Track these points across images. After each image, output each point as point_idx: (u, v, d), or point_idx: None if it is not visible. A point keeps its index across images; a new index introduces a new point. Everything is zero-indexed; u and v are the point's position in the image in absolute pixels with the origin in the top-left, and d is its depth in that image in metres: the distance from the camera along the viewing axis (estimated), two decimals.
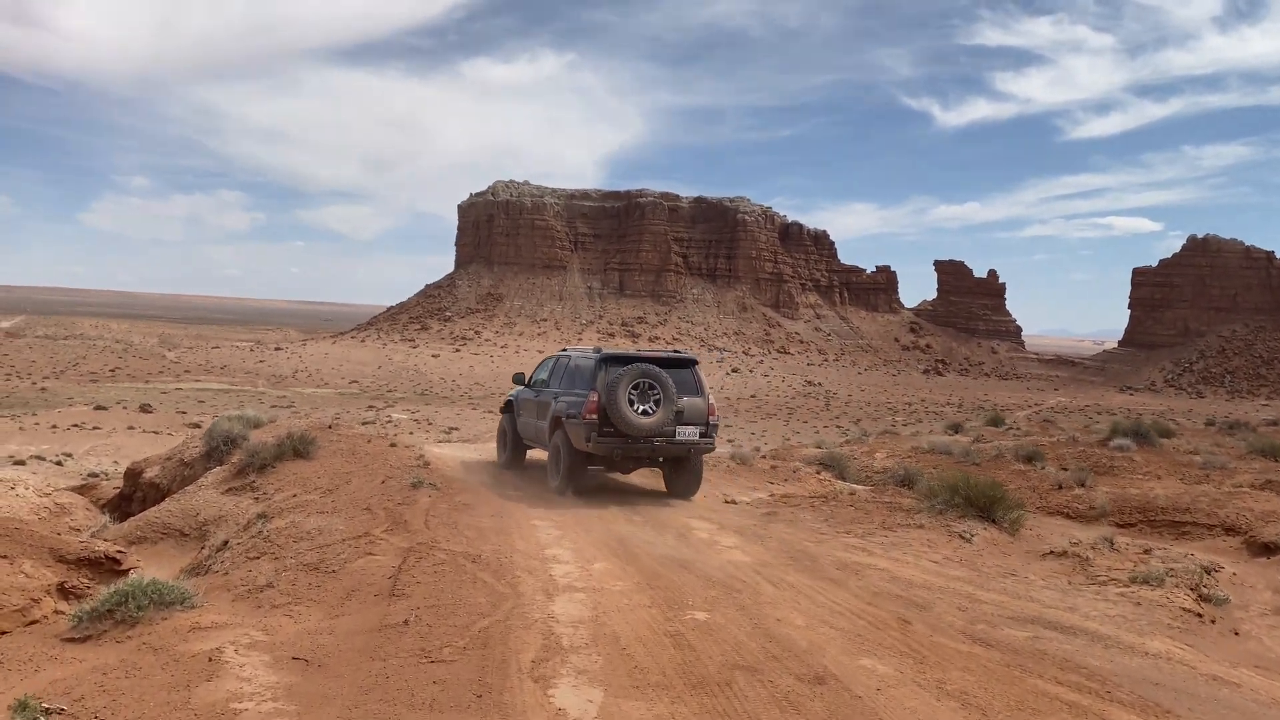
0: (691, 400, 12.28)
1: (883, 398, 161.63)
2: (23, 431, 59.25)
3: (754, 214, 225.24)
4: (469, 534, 8.98)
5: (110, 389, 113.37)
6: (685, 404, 12.14)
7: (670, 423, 11.89)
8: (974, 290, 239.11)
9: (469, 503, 10.49)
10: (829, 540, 10.16)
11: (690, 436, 12.17)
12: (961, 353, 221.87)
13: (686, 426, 12.12)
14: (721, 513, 11.81)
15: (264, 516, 10.36)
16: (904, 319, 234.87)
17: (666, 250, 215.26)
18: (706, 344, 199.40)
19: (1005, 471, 16.98)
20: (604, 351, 12.91)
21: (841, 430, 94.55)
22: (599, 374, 12.10)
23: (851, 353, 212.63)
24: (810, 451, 22.28)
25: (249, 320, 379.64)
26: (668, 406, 11.82)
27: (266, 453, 12.63)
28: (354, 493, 10.98)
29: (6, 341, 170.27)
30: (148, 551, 11.46)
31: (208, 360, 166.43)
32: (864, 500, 12.67)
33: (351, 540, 8.64)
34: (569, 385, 12.88)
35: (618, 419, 11.62)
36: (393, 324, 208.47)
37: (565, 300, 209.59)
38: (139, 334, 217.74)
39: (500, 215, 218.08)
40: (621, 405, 11.60)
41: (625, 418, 11.60)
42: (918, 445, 21.47)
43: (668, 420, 11.84)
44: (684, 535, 10.00)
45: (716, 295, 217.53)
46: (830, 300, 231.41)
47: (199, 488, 12.60)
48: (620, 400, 11.61)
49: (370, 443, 14.80)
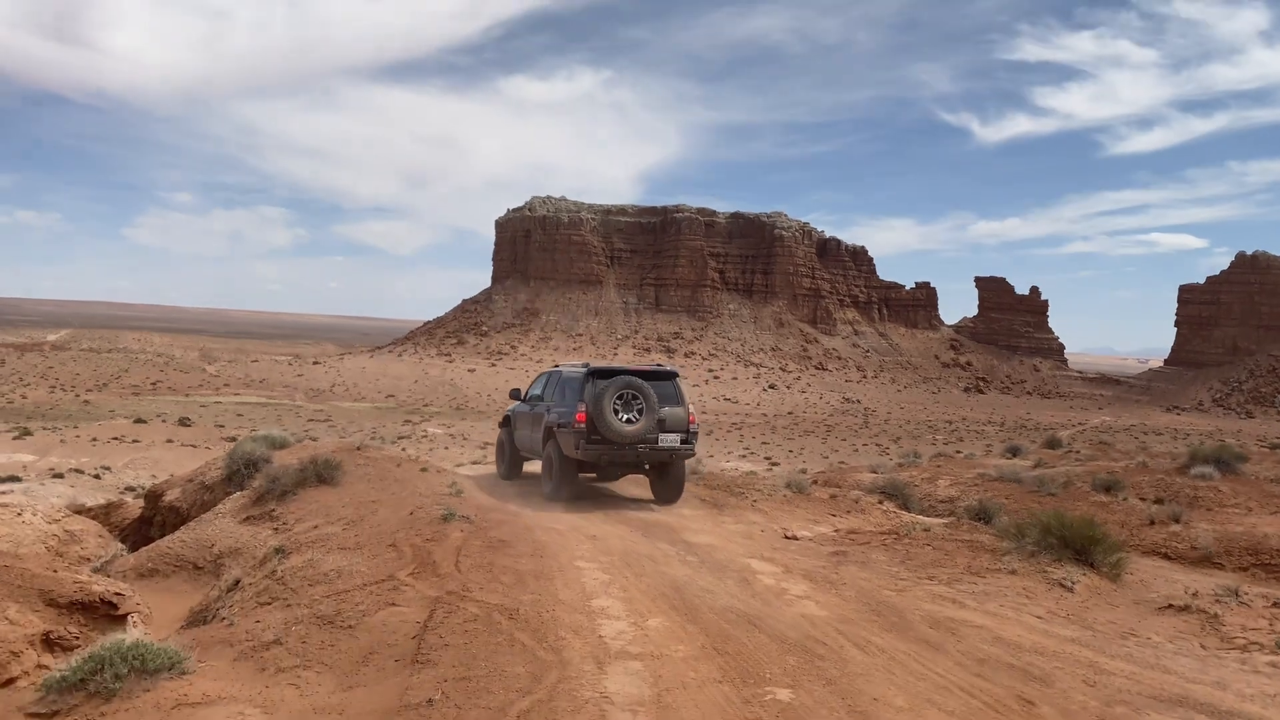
0: (673, 410, 13.09)
1: (922, 416, 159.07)
2: (64, 444, 59.52)
3: (791, 229, 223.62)
4: (505, 579, 7.90)
5: (151, 402, 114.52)
6: (667, 413, 12.96)
7: (653, 430, 12.69)
8: (1015, 307, 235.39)
9: (505, 539, 9.43)
10: (911, 589, 8.96)
11: (672, 443, 12.93)
12: (1003, 370, 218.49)
13: (668, 434, 12.90)
14: (784, 551, 10.64)
15: (281, 551, 9.39)
16: (944, 336, 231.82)
17: (703, 266, 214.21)
18: (743, 359, 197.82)
19: (1085, 503, 15.61)
20: (591, 366, 13.59)
21: (881, 449, 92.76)
22: (587, 386, 12.88)
23: (890, 370, 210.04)
24: (866, 477, 20.99)
25: (289, 335, 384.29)
26: (650, 415, 12.61)
27: (288, 479, 11.70)
28: (380, 525, 9.97)
29: (52, 354, 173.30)
30: (158, 586, 10.54)
31: (247, 374, 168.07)
32: (941, 538, 11.43)
33: (373, 585, 7.61)
34: (560, 398, 13.67)
35: (604, 427, 12.44)
36: (429, 339, 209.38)
37: (601, 315, 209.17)
38: (180, 348, 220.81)
39: (537, 231, 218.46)
40: (607, 414, 12.43)
41: (611, 425, 12.42)
42: (984, 472, 20.11)
43: (650, 428, 12.64)
44: (747, 581, 8.85)
45: (753, 311, 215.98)
46: (869, 316, 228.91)
47: (216, 515, 11.69)
48: (606, 409, 12.44)
49: (400, 466, 13.84)
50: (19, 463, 46.83)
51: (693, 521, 11.99)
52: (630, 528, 11.14)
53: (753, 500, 13.65)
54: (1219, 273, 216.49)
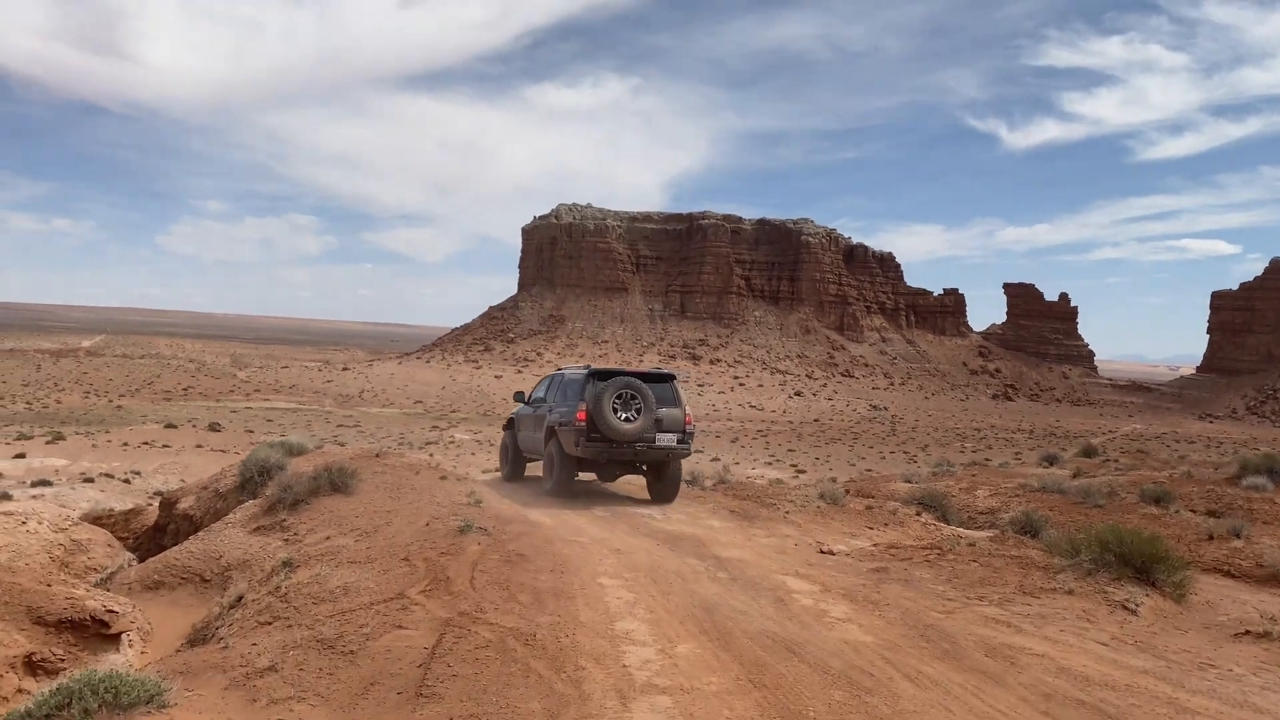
0: (670, 410, 13.45)
1: (950, 423, 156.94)
2: (95, 449, 59.77)
3: (818, 235, 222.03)
4: (522, 598, 7.34)
5: (182, 407, 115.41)
6: (664, 414, 13.32)
7: (650, 430, 13.04)
8: (1044, 314, 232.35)
9: (524, 553, 8.87)
10: (961, 610, 8.30)
11: (669, 442, 13.27)
12: (1032, 378, 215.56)
13: (665, 433, 13.24)
14: (820, 567, 10.00)
15: (289, 565, 8.90)
16: (972, 343, 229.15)
17: (729, 272, 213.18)
18: (769, 366, 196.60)
19: (1135, 516, 14.81)
20: (592, 367, 13.96)
21: (908, 456, 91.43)
22: (587, 386, 13.23)
23: (918, 377, 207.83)
24: (901, 487, 20.24)
25: (319, 341, 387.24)
26: (647, 415, 12.98)
27: (301, 487, 11.21)
28: (394, 537, 9.46)
29: (86, 360, 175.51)
30: (164, 599, 10.09)
31: (277, 380, 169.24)
32: (987, 554, 10.73)
33: (381, 604, 7.07)
34: (562, 399, 14.01)
35: (603, 425, 12.79)
36: (457, 345, 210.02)
37: (626, 322, 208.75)
38: (212, 354, 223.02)
39: (563, 238, 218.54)
40: (606, 413, 12.77)
41: (610, 424, 12.77)
42: (1024, 482, 19.29)
43: (648, 427, 12.99)
44: (783, 601, 8.23)
45: (779, 318, 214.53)
46: (896, 323, 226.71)
47: (226, 525, 11.23)
48: (605, 409, 12.79)
49: (419, 474, 13.34)
50: (51, 467, 46.97)
51: (722, 534, 11.37)
52: (657, 541, 10.54)
53: (785, 512, 13.01)
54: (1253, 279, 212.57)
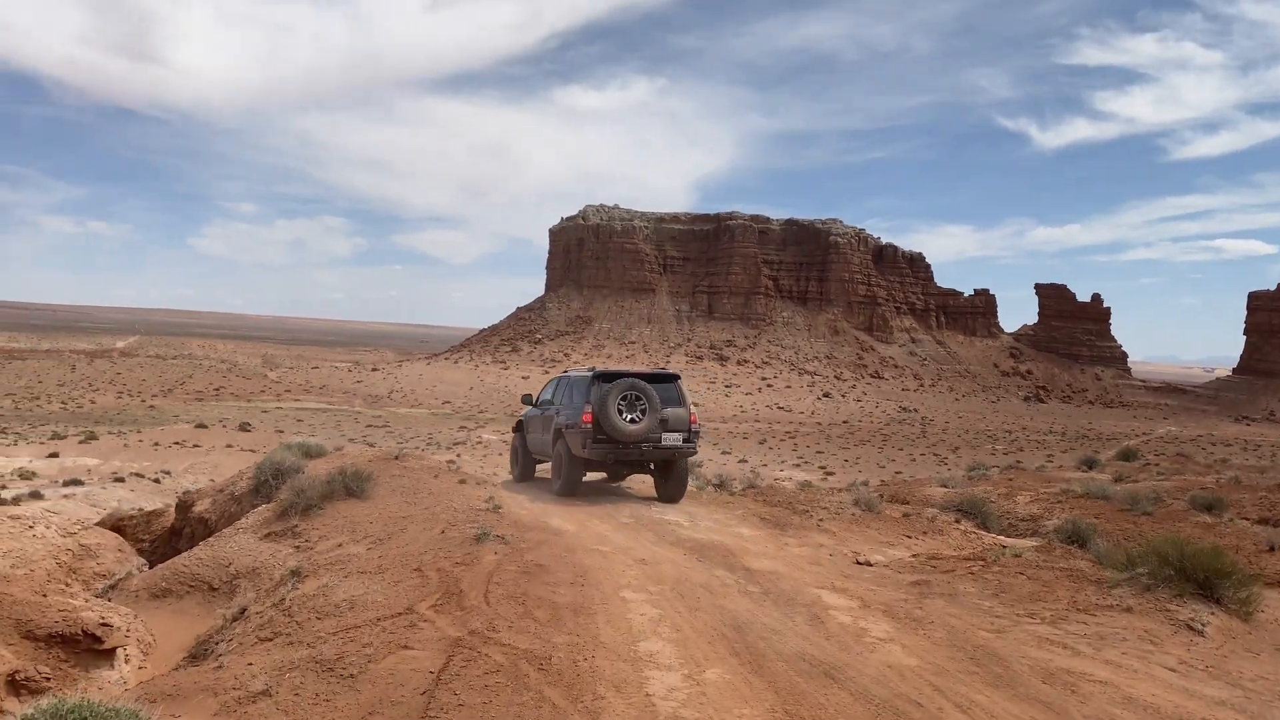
0: (675, 410, 13.53)
1: (981, 425, 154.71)
2: (127, 449, 60.07)
3: (846, 236, 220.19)
4: (539, 614, 6.84)
5: (214, 407, 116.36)
6: (669, 414, 13.40)
7: (656, 430, 13.13)
8: (1077, 314, 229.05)
9: (544, 564, 8.38)
10: (1011, 629, 7.70)
11: (675, 442, 13.36)
12: (1064, 379, 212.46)
13: (671, 433, 13.33)
14: (857, 580, 9.43)
15: (297, 574, 8.47)
16: (1003, 344, 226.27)
17: (756, 273, 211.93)
18: (797, 368, 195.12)
19: (1188, 524, 14.11)
20: (597, 370, 13.98)
21: (939, 459, 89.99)
22: (592, 388, 13.32)
23: (948, 378, 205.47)
24: (936, 492, 19.58)
25: (349, 342, 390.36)
26: (652, 415, 13.06)
27: (314, 491, 10.80)
28: (407, 545, 9.01)
29: (120, 360, 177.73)
30: (170, 608, 9.71)
31: (307, 380, 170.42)
32: (1035, 565, 10.10)
33: (388, 620, 6.61)
34: (568, 401, 14.08)
35: (609, 426, 12.85)
36: (485, 346, 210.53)
37: (653, 323, 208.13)
38: (244, 354, 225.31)
39: (590, 239, 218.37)
40: (611, 414, 12.84)
41: (615, 425, 12.83)
42: (1067, 487, 18.58)
43: (653, 427, 13.08)
44: (818, 618, 7.67)
45: (807, 318, 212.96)
46: (926, 324, 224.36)
47: (236, 531, 10.84)
48: (610, 410, 12.86)
49: (437, 478, 12.90)
50: (84, 466, 47.23)
51: (752, 543, 10.81)
52: (684, 551, 10.01)
53: (818, 519, 12.43)
54: None
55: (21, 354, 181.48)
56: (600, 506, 12.68)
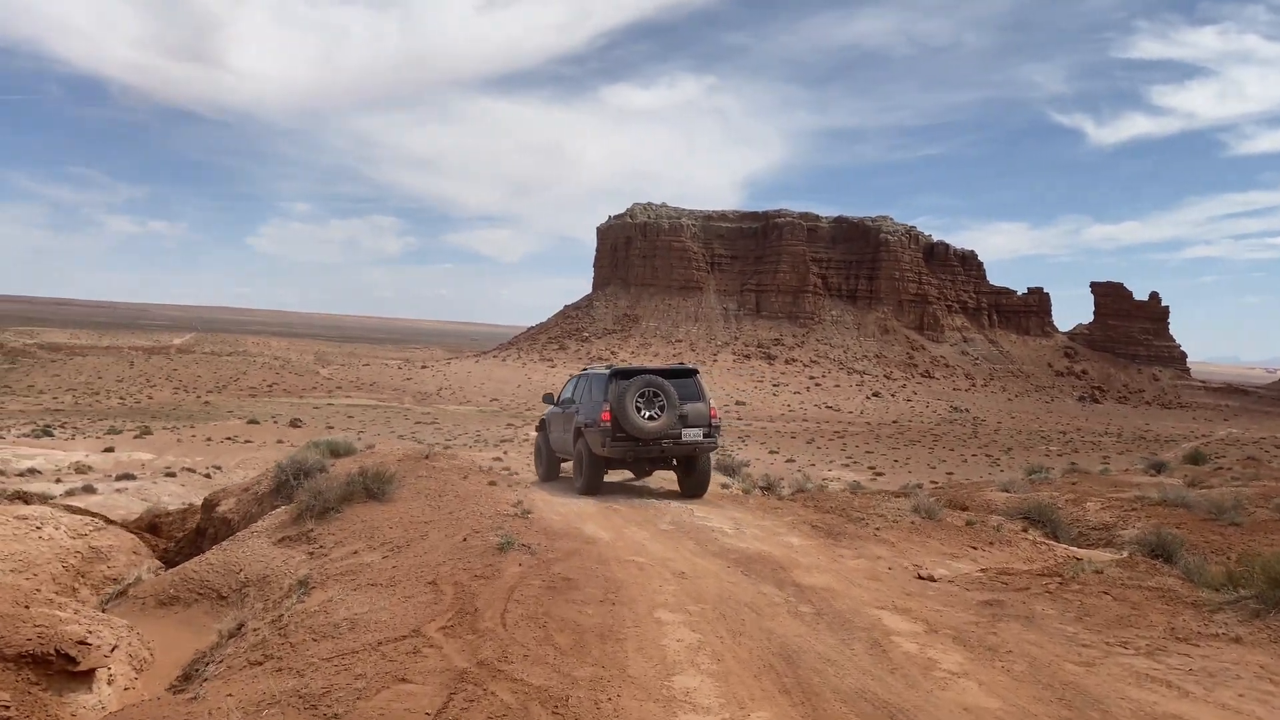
0: (694, 405, 13.42)
1: (1034, 425, 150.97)
2: (180, 444, 60.80)
3: (897, 233, 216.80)
4: (561, 640, 6.04)
5: (266, 404, 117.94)
6: (689, 409, 13.29)
7: (675, 425, 13.01)
8: (1134, 313, 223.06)
9: (571, 577, 7.58)
10: (1103, 662, 6.72)
11: (695, 437, 13.23)
12: (1120, 379, 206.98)
13: (691, 428, 13.20)
14: (921, 598, 8.48)
15: (304, 585, 7.78)
16: (1057, 343, 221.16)
17: (805, 271, 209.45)
18: (845, 367, 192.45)
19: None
20: (614, 367, 14.00)
21: (991, 459, 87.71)
22: (610, 386, 13.24)
23: (1001, 378, 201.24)
24: (998, 497, 18.43)
25: (399, 339, 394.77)
26: (671, 411, 12.96)
27: (332, 493, 10.13)
28: (425, 554, 8.28)
29: (177, 357, 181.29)
30: (177, 618, 9.09)
31: (358, 377, 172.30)
32: (1119, 584, 9.06)
33: (390, 644, 5.85)
34: (588, 399, 14.03)
35: (626, 423, 12.73)
36: (532, 344, 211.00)
37: (701, 321, 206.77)
38: (297, 351, 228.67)
39: (637, 237, 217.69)
40: (629, 411, 12.73)
41: (633, 422, 12.71)
42: (1141, 494, 17.32)
43: (672, 423, 12.97)
44: (880, 645, 6.76)
45: (857, 317, 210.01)
46: (978, 323, 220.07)
47: (251, 534, 10.21)
48: (628, 407, 12.75)
49: (466, 479, 12.18)
50: (138, 461, 47.73)
51: (803, 555, 9.89)
52: (727, 563, 9.13)
53: (875, 528, 11.45)
54: None
55: (83, 350, 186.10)
56: (639, 511, 11.83)
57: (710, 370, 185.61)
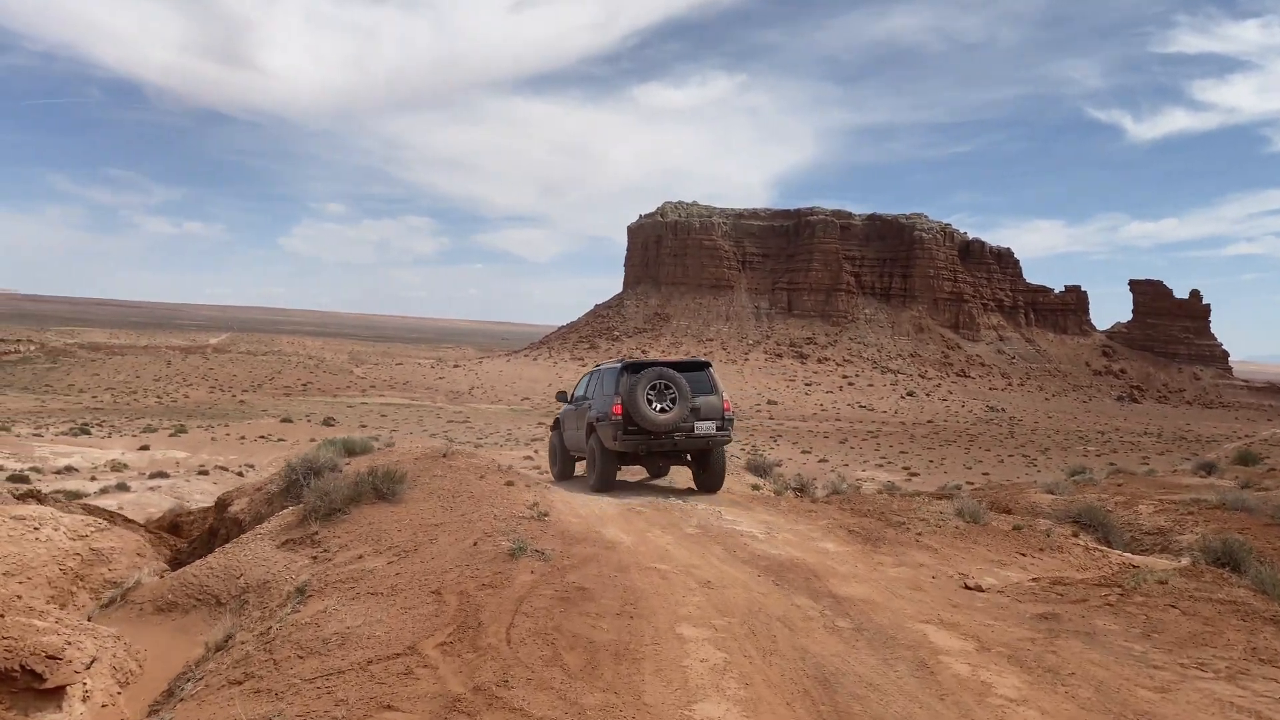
0: (707, 398, 13.14)
1: (1072, 425, 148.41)
2: (214, 442, 61.25)
3: (931, 231, 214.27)
4: (571, 660, 5.43)
5: (301, 402, 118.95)
6: (701, 402, 13.01)
7: (687, 418, 12.74)
8: (1174, 312, 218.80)
9: (587, 586, 6.97)
10: (1179, 687, 6.00)
11: (708, 430, 12.96)
12: (1160, 378, 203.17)
13: (704, 421, 12.94)
14: (969, 611, 7.77)
15: (302, 593, 7.25)
16: (1095, 342, 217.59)
17: (838, 269, 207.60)
18: (879, 366, 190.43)
19: None
20: (625, 360, 13.78)
21: (1028, 459, 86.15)
22: (621, 379, 13.03)
23: (1037, 377, 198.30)
24: (1043, 499, 17.58)
25: (432, 339, 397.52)
26: (683, 403, 12.66)
27: (339, 494, 9.59)
28: (432, 560, 7.72)
29: (213, 356, 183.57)
30: (173, 625, 8.61)
31: (391, 376, 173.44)
32: (1186, 595, 8.29)
33: (381, 664, 5.28)
34: (600, 393, 13.80)
35: (638, 417, 12.51)
36: (563, 343, 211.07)
37: (732, 320, 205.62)
38: (331, 351, 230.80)
39: (668, 236, 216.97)
40: (640, 404, 12.50)
41: (644, 415, 12.48)
42: (1197, 496, 16.41)
43: (684, 416, 12.68)
44: (927, 666, 6.08)
45: (891, 315, 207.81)
46: (1014, 321, 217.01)
47: (255, 537, 9.72)
48: (639, 400, 12.52)
49: (483, 479, 11.60)
50: (173, 459, 47.98)
51: (840, 561, 9.21)
52: (758, 570, 8.47)
53: (916, 533, 10.71)
54: None
55: (121, 350, 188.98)
56: (664, 513, 11.19)
57: (741, 369, 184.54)
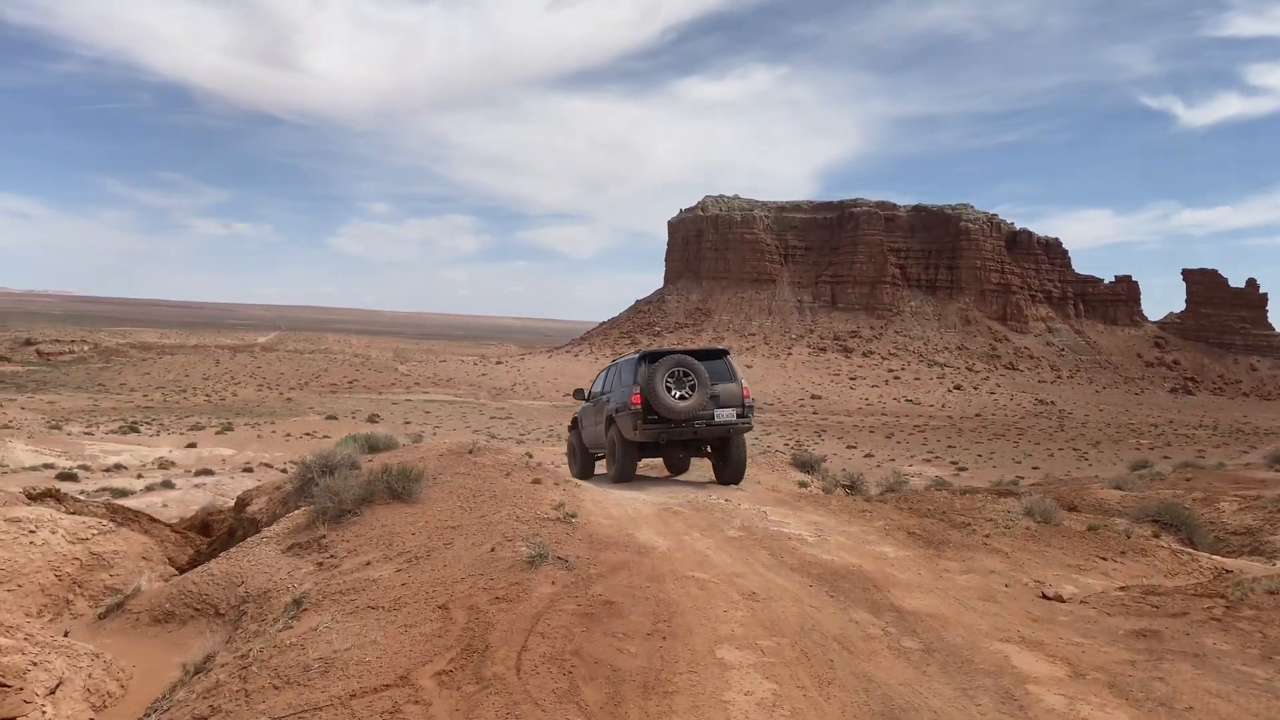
0: (726, 386, 13.04)
1: (1123, 418, 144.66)
2: (260, 439, 61.53)
3: (978, 221, 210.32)
4: (590, 694, 4.58)
5: (347, 400, 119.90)
6: (721, 389, 12.93)
7: (707, 406, 12.65)
8: (1229, 301, 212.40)
9: (614, 600, 6.11)
10: None
11: (728, 417, 12.85)
12: (1214, 370, 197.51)
13: (724, 409, 12.84)
14: (1051, 626, 6.79)
15: (298, 605, 6.49)
16: (1147, 333, 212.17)
17: (882, 261, 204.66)
18: (925, 359, 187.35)
19: None
20: (643, 350, 13.69)
21: (1079, 454, 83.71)
22: (640, 368, 12.93)
23: (1087, 369, 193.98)
24: (1110, 495, 16.39)
25: (475, 336, 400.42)
26: (702, 390, 12.58)
27: (350, 494, 8.83)
28: (444, 568, 6.92)
29: (261, 355, 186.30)
30: (169, 638, 7.91)
31: (435, 373, 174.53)
32: None
33: (365, 699, 4.48)
34: (618, 385, 13.72)
35: (657, 404, 12.39)
36: (604, 339, 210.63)
37: (774, 314, 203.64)
38: (376, 349, 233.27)
39: (709, 230, 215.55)
40: (659, 391, 12.39)
41: (663, 402, 12.37)
42: None
43: (704, 403, 12.59)
44: (1012, 697, 5.14)
45: (937, 308, 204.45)
46: (1063, 313, 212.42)
47: (261, 540, 9.01)
48: (658, 387, 12.42)
49: (509, 476, 10.79)
50: (219, 456, 48.16)
51: (900, 568, 8.25)
52: (809, 579, 7.54)
53: (983, 535, 9.68)
54: None
55: (172, 349, 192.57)
56: (704, 514, 10.27)
57: (784, 364, 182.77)
